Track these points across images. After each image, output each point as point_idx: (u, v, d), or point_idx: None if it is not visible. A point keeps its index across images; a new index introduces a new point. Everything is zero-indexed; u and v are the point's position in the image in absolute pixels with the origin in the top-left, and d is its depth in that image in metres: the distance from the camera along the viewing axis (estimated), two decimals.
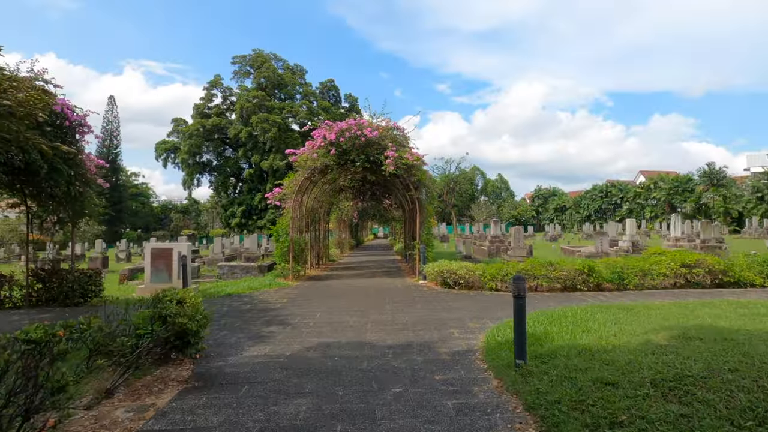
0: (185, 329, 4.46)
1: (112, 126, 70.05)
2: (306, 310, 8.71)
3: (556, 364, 4.42)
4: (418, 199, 13.32)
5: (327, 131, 12.87)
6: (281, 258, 13.48)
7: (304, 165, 13.15)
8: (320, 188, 16.69)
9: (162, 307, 4.40)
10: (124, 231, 72.66)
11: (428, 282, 12.08)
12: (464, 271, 10.51)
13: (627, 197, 62.16)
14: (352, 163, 12.92)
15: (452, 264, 11.02)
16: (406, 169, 12.70)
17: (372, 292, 10.84)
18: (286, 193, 13.67)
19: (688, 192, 49.54)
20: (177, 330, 4.41)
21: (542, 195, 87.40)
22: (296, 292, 11.13)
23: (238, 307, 9.12)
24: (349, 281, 13.40)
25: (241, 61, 46.66)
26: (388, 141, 12.85)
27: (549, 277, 10.06)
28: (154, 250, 12.18)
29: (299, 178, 13.45)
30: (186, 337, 4.55)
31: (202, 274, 15.36)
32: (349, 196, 23.45)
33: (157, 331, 4.20)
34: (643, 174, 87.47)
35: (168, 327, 4.30)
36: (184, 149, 45.28)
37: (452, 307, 8.63)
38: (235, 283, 13.35)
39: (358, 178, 18.82)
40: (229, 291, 11.24)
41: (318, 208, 18.31)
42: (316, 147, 13.03)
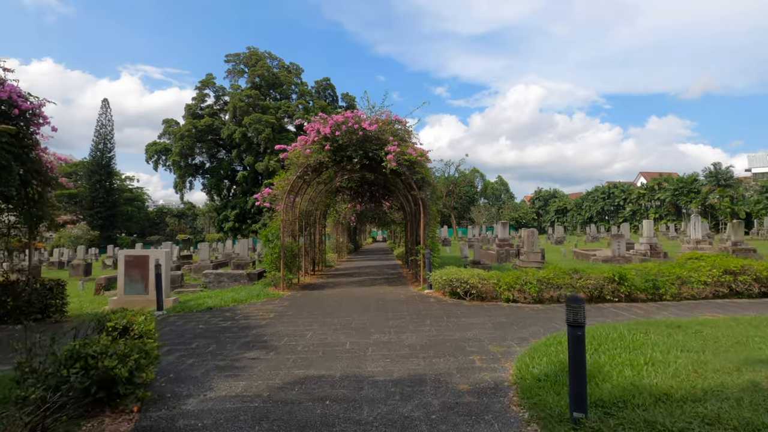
0: (113, 376, 3.19)
1: (106, 129, 68.63)
2: (295, 327, 7.44)
3: (631, 421, 3.17)
4: (422, 199, 12.08)
5: (321, 125, 11.63)
6: (271, 265, 12.21)
7: (296, 162, 11.91)
8: (315, 189, 15.44)
9: (85, 343, 3.14)
10: (119, 236, 71.30)
11: (435, 291, 10.83)
12: (477, 280, 9.26)
13: (630, 198, 61.02)
14: (348, 159, 11.68)
15: (462, 272, 9.77)
16: (408, 165, 11.46)
17: (372, 304, 9.58)
18: (277, 194, 12.41)
19: (693, 193, 48.40)
20: (102, 376, 3.14)
21: (543, 197, 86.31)
22: (286, 305, 9.86)
23: (216, 325, 7.84)
24: (347, 290, 12.14)
25: (234, 60, 45.07)
26: (388, 135, 11.62)
27: (574, 286, 8.82)
28: (128, 257, 10.91)
29: (291, 176, 12.20)
30: (114, 387, 3.28)
31: (186, 283, 14.08)
32: (346, 197, 22.21)
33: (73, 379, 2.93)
34: (643, 175, 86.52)
35: (89, 373, 3.04)
36: (176, 151, 43.66)
37: (466, 323, 7.38)
38: (219, 294, 12.06)
39: (356, 178, 17.61)
40: (211, 304, 9.96)
41: (313, 210, 17.06)
42: (309, 142, 11.79)
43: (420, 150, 11.57)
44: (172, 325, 7.98)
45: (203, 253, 16.97)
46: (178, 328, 7.71)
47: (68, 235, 67.09)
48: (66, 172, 68.75)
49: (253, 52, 43.03)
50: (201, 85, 46.07)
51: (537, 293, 8.83)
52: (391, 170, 11.31)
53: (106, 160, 66.40)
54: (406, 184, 13.05)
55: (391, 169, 11.19)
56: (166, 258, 10.79)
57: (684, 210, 50.98)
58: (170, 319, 8.51)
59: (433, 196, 12.39)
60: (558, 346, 5.34)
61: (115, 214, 68.79)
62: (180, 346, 6.39)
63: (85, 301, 12.62)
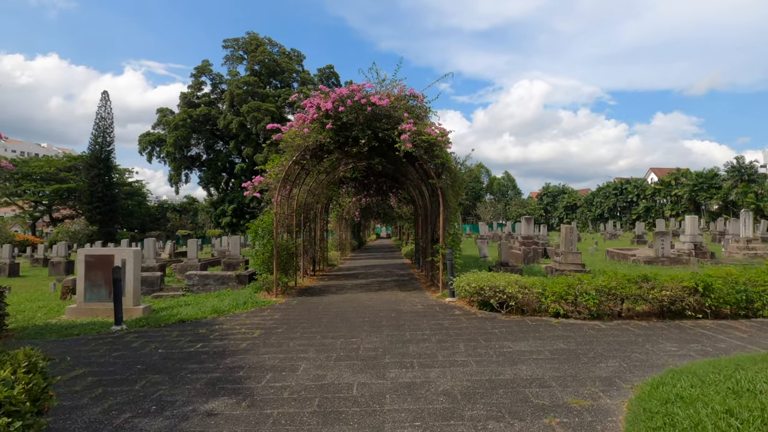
0: None
1: (105, 122, 66.80)
2: (284, 355, 5.56)
3: None
4: (441, 189, 10.15)
5: (321, 100, 9.71)
6: (262, 266, 10.33)
7: (292, 144, 10.00)
8: (315, 179, 13.54)
9: None
10: (119, 231, 69.85)
11: (458, 300, 8.93)
12: (516, 289, 7.33)
13: (645, 194, 58.80)
14: (354, 141, 9.76)
15: (496, 278, 7.85)
16: (426, 148, 9.54)
17: (383, 318, 7.69)
18: (270, 183, 10.51)
19: (714, 188, 46.16)
20: None
21: (551, 193, 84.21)
22: (277, 317, 7.98)
23: (181, 349, 5.97)
24: (352, 297, 10.26)
25: (233, 45, 42.49)
26: (402, 112, 9.70)
27: (645, 298, 6.89)
28: (89, 257, 9.07)
29: (286, 162, 10.30)
30: None
31: (167, 286, 12.23)
32: (350, 190, 20.32)
33: None
34: (653, 171, 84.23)
35: None
36: (170, 141, 41.42)
37: (515, 351, 5.47)
38: (200, 300, 10.21)
39: (361, 168, 15.68)
40: (185, 315, 8.10)
41: (313, 203, 15.17)
42: (308, 120, 9.88)
43: (441, 129, 9.64)
44: (126, 348, 6.11)
45: (191, 250, 15.15)
46: (131, 353, 5.85)
47: (66, 230, 65.67)
48: (65, 166, 67.46)
49: (252, 37, 40.45)
50: (197, 72, 43.67)
51: (595, 306, 6.90)
52: (406, 154, 9.39)
53: (105, 153, 64.67)
54: (422, 172, 11.13)
55: (405, 152, 9.26)
56: (134, 258, 8.94)
57: (703, 206, 48.78)
58: (127, 338, 6.65)
59: (454, 186, 10.45)
60: (681, 405, 3.43)
61: (114, 208, 67.23)
62: (118, 387, 4.52)
63: (46, 307, 10.79)
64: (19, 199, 67.24)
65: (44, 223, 77.03)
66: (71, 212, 71.64)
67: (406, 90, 10.05)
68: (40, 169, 64.86)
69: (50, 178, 65.94)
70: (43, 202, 69.15)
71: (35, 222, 72.73)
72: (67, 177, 66.01)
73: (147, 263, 15.08)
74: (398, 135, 9.41)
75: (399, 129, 9.40)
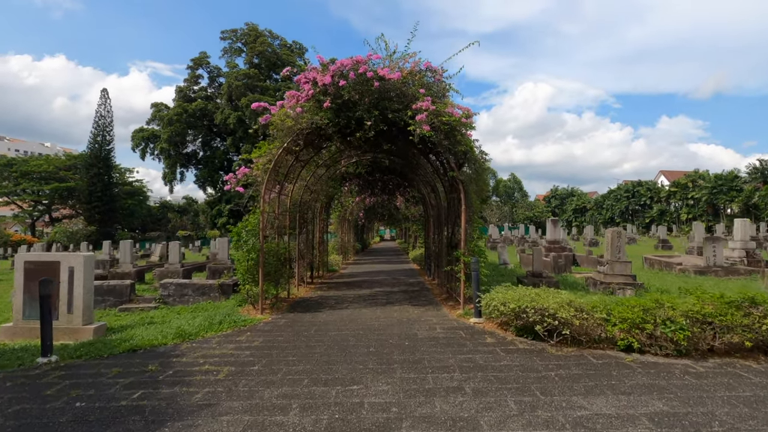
0: None
1: (105, 120, 65.34)
2: (252, 418, 3.77)
3: None
4: (464, 183, 8.34)
5: (318, 73, 7.95)
6: (246, 275, 8.54)
7: (282, 127, 8.22)
8: (313, 173, 11.76)
9: None
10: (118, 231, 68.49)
11: (486, 322, 7.12)
12: (571, 313, 5.51)
13: (659, 197, 56.71)
14: (358, 124, 7.98)
15: (542, 296, 6.03)
16: (447, 131, 7.75)
17: (395, 349, 5.89)
18: (257, 175, 8.74)
19: (734, 191, 44.05)
20: None
21: (559, 195, 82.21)
22: (257, 345, 6.20)
23: (110, 401, 4.19)
24: (354, 314, 8.46)
25: (231, 36, 40.31)
26: (417, 88, 7.92)
27: (752, 328, 5.06)
28: (30, 264, 7.35)
29: (275, 149, 8.54)
30: None
31: (138, 297, 10.47)
32: (354, 189, 18.55)
33: None
34: (663, 174, 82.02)
35: None
36: (164, 137, 39.50)
37: (593, 415, 3.65)
38: (168, 316, 8.46)
39: (366, 162, 13.92)
40: (140, 341, 6.33)
41: (311, 201, 13.40)
42: (303, 99, 8.12)
43: (465, 109, 7.84)
44: (35, 397, 4.34)
45: (172, 254, 13.39)
46: (36, 408, 4.07)
47: (64, 230, 64.27)
48: (65, 165, 66.15)
49: (252, 27, 38.34)
50: (193, 65, 41.65)
51: (685, 340, 5.08)
52: (421, 139, 7.60)
53: (105, 152, 63.22)
54: (440, 163, 9.35)
55: (421, 136, 7.48)
56: (84, 266, 7.20)
57: (722, 210, 46.67)
58: (48, 379, 4.88)
59: (478, 181, 8.63)
60: None
61: (113, 208, 65.81)
62: None
63: None
64: (18, 199, 66.01)
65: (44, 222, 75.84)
66: (71, 212, 70.37)
67: (421, 64, 8.26)
68: (39, 167, 63.54)
69: (50, 177, 64.62)
70: (42, 201, 67.84)
71: (35, 222, 71.50)
72: (67, 176, 64.70)
73: (122, 268, 13.35)
74: (412, 116, 7.63)
75: (413, 108, 7.62)
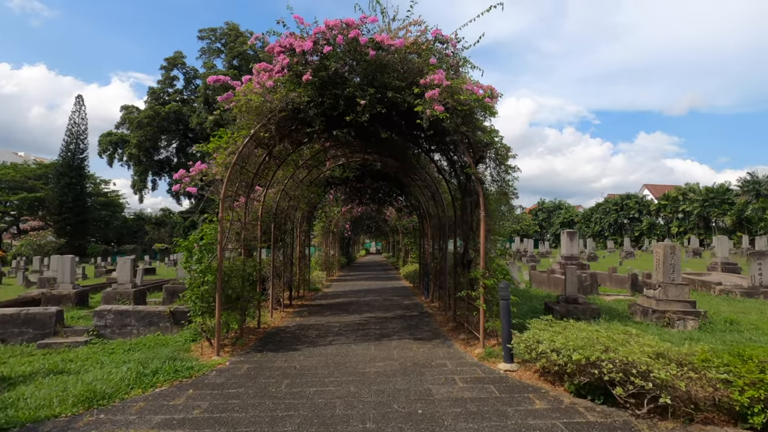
0: None
1: (79, 128, 62.20)
2: None
3: None
4: (481, 182, 6.49)
5: (297, 39, 6.07)
6: (198, 304, 6.47)
7: (249, 109, 6.29)
8: (290, 174, 9.79)
9: None
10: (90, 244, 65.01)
11: (520, 369, 5.23)
12: (672, 371, 3.65)
13: (648, 210, 56.04)
14: (348, 104, 6.09)
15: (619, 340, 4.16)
16: (465, 115, 5.93)
17: (404, 419, 3.93)
18: (216, 173, 6.74)
19: (726, 204, 43.36)
20: None
21: (546, 209, 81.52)
22: (199, 414, 4.16)
23: None
24: (341, 355, 6.48)
25: (210, 35, 37.62)
26: (426, 58, 6.11)
27: None
28: None
29: (240, 139, 6.57)
30: None
31: (67, 328, 8.25)
32: (339, 196, 16.62)
33: None
34: (648, 188, 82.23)
35: None
36: (133, 142, 36.57)
37: None
38: (93, 359, 6.35)
39: (355, 165, 12.07)
40: (19, 414, 4.23)
41: (290, 210, 11.40)
42: (275, 72, 6.20)
43: (488, 88, 6.03)
44: None
45: (122, 272, 11.12)
46: None
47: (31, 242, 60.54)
48: (35, 174, 62.70)
49: (232, 27, 35.84)
50: (167, 65, 38.96)
51: None
52: (431, 124, 5.75)
53: (78, 161, 60.04)
54: (449, 159, 7.53)
55: (431, 119, 5.64)
56: None
57: (713, 223, 45.97)
58: None
59: (501, 180, 6.76)
60: None
61: (85, 220, 62.40)
62: None
63: None
64: None
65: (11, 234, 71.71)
66: (41, 223, 66.72)
67: (429, 32, 6.45)
68: (6, 176, 60.09)
69: (18, 187, 61.09)
70: (10, 212, 64.10)
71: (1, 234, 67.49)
72: (37, 186, 61.29)
73: (60, 289, 11.08)
74: (419, 94, 5.79)
75: (422, 84, 5.78)
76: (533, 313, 8.63)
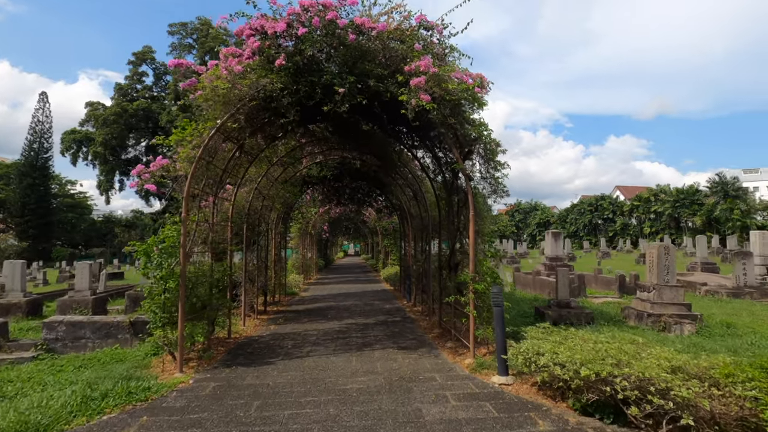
0: None
1: (43, 126, 59.35)
2: None
3: None
4: (470, 179, 6.04)
5: (269, 21, 5.49)
6: (159, 314, 5.80)
7: (215, 96, 5.67)
8: (264, 171, 9.15)
9: None
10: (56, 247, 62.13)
11: (516, 382, 4.79)
12: (695, 389, 3.23)
13: (622, 211, 57.15)
14: (326, 92, 5.55)
15: (630, 352, 3.74)
16: (453, 106, 5.46)
17: None
18: (179, 168, 6.08)
19: (696, 205, 44.51)
20: None
21: (522, 210, 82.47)
22: None
23: None
24: (319, 368, 5.92)
25: (180, 30, 35.95)
26: (411, 44, 5.62)
27: None
28: None
29: (206, 131, 5.93)
30: None
31: (11, 343, 7.39)
32: (317, 197, 16.00)
33: None
34: (619, 189, 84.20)
35: None
36: (99, 140, 34.67)
37: None
38: (37, 378, 5.61)
39: (333, 164, 11.50)
40: None
41: (265, 210, 10.74)
42: (245, 57, 5.60)
43: (478, 76, 5.58)
44: None
45: (80, 278, 10.24)
46: None
47: None
48: None
49: (204, 22, 34.24)
50: (136, 60, 37.20)
51: None
52: (417, 115, 5.26)
53: (42, 161, 57.27)
54: (434, 155, 7.06)
55: (417, 110, 5.15)
56: None
57: (683, 224, 47.14)
58: None
59: (490, 177, 6.33)
60: None
61: (50, 222, 59.59)
62: None
63: None
64: None
65: None
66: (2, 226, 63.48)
67: (412, 17, 5.96)
68: None
69: None
70: None
71: None
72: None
73: (9, 298, 10.12)
74: (404, 82, 5.29)
75: (407, 71, 5.28)
76: (522, 318, 8.24)
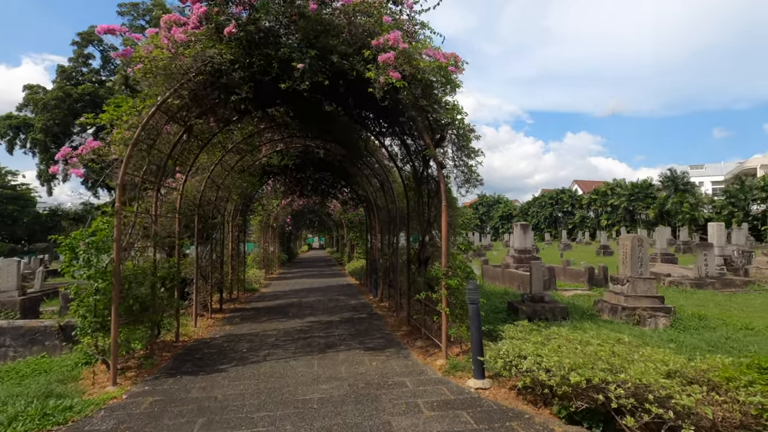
0: None
1: None
2: None
3: None
4: (442, 166, 5.60)
5: None
6: (90, 317, 5.05)
7: (155, 72, 4.94)
8: (216, 158, 8.38)
9: None
10: None
11: (494, 386, 4.41)
12: (695, 395, 2.91)
13: (580, 204, 58.93)
14: (283, 68, 4.93)
15: (624, 355, 3.39)
16: (424, 86, 4.98)
17: None
18: (113, 152, 5.31)
19: (650, 198, 46.41)
20: None
21: (486, 203, 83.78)
22: None
23: None
24: (277, 376, 5.35)
25: (132, 11, 33.37)
26: (378, 18, 5.08)
27: None
28: None
29: (145, 110, 5.18)
30: None
31: None
32: (278, 187, 15.23)
33: None
34: (577, 183, 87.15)
35: None
36: (38, 126, 31.82)
37: None
38: None
39: (295, 152, 10.80)
40: None
41: (219, 201, 9.96)
42: (191, 26, 4.90)
43: (451, 55, 5.11)
44: None
45: (7, 276, 9.08)
46: None
47: None
48: None
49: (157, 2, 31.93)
50: (81, 41, 34.12)
51: None
52: (387, 92, 4.74)
53: None
54: (403, 142, 6.59)
55: (385, 88, 4.64)
56: None
57: (637, 216, 49.05)
58: None
59: (464, 165, 5.90)
60: None
61: None
62: None
63: None
64: None
65: None
66: None
67: None
68: None
69: None
70: None
71: None
72: None
73: None
74: (372, 58, 4.76)
75: (374, 45, 4.75)
76: (495, 314, 7.93)
